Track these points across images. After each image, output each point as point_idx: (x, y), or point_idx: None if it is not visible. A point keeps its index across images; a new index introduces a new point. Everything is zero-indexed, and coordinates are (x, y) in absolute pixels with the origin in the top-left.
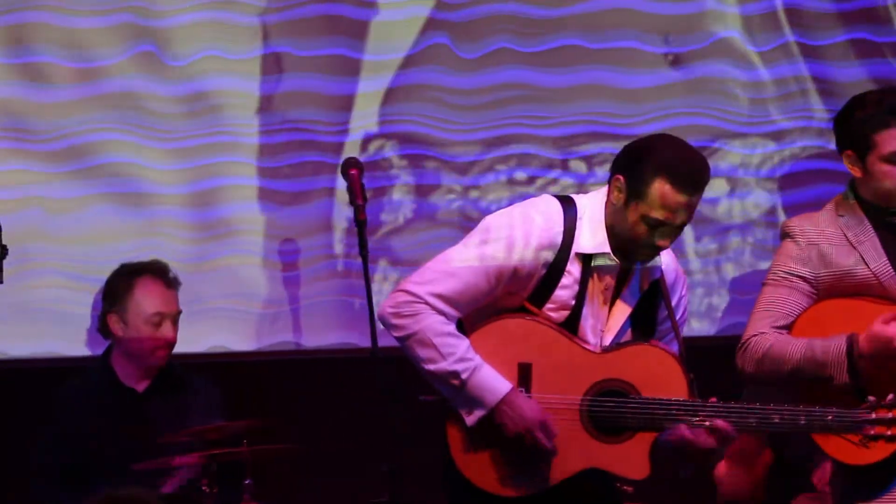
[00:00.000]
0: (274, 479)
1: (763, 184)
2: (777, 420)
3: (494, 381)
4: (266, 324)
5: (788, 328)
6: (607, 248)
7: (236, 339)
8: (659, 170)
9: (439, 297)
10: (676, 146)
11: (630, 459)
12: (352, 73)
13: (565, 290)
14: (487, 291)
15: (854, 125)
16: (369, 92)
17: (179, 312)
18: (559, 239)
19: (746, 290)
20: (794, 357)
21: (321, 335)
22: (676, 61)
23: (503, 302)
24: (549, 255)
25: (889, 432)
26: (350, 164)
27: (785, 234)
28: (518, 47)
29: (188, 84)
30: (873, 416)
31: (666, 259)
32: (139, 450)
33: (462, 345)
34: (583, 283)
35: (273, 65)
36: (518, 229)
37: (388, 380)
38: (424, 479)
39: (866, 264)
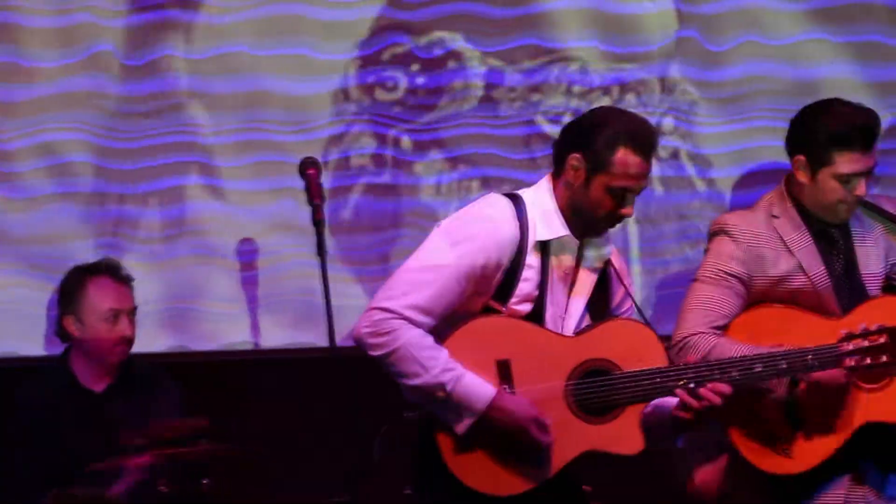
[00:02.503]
0: (232, 479)
1: (721, 183)
2: (759, 369)
3: (479, 387)
4: (224, 323)
5: (724, 329)
6: (565, 232)
7: (194, 338)
8: (619, 139)
9: (414, 308)
10: (626, 115)
11: (624, 436)
12: (311, 73)
13: (528, 282)
14: (459, 293)
15: (816, 134)
16: (328, 91)
17: (135, 308)
18: (516, 233)
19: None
20: None
21: (279, 335)
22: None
23: (469, 305)
24: (510, 250)
25: (867, 360)
26: (308, 163)
27: (721, 232)
28: (478, 47)
29: (146, 83)
30: (850, 346)
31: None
32: (98, 451)
33: (442, 355)
34: (543, 272)
35: (231, 64)
36: (477, 228)
37: (346, 380)
38: (385, 478)
39: (804, 272)
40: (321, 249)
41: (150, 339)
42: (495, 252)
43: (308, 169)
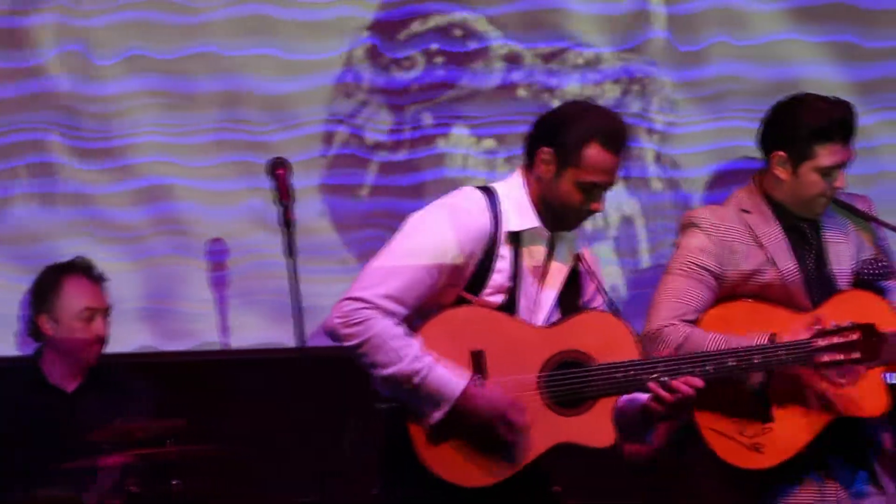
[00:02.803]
0: (202, 480)
1: (691, 184)
2: (733, 363)
3: (452, 376)
4: (199, 323)
5: (695, 323)
6: (537, 223)
7: (165, 338)
8: (589, 134)
9: (387, 297)
10: (598, 110)
11: (595, 429)
12: (282, 73)
13: (500, 273)
14: (431, 285)
15: (796, 129)
16: (300, 91)
17: (109, 308)
18: (489, 224)
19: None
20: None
21: (249, 335)
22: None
23: (441, 297)
24: (483, 242)
25: (840, 356)
26: (277, 163)
27: (692, 225)
28: (448, 48)
29: (116, 83)
30: (823, 342)
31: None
32: (67, 449)
33: (415, 344)
34: (516, 264)
35: (202, 64)
36: (450, 220)
37: (319, 379)
38: (354, 476)
39: (775, 265)
40: (291, 249)
41: (124, 339)
42: (468, 243)
43: (277, 169)
